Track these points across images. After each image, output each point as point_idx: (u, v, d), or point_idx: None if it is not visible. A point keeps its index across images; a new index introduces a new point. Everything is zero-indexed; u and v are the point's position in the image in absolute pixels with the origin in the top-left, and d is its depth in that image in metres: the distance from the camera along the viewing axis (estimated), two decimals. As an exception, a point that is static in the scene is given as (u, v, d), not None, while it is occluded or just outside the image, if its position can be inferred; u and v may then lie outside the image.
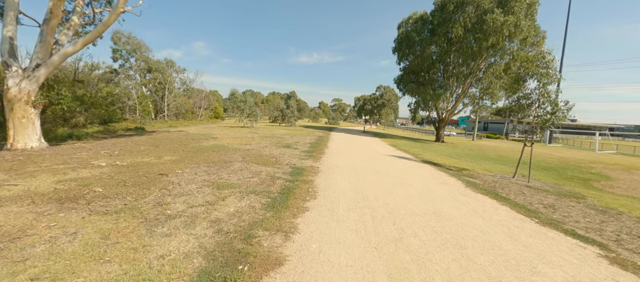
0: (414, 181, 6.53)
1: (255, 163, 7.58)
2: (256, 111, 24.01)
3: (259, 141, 13.70)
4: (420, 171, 8.24)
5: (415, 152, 13.89)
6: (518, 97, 9.29)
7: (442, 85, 21.21)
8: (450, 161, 11.67)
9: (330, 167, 7.73)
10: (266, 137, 15.67)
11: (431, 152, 14.54)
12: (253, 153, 9.40)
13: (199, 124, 34.15)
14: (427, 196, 5.23)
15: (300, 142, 13.94)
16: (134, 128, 20.53)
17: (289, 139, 15.25)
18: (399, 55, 27.24)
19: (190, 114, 37.82)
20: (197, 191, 4.77)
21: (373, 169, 7.75)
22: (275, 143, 12.92)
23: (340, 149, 12.56)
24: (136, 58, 29.32)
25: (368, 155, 11.01)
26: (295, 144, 13.18)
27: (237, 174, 6.21)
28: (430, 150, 15.95)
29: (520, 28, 18.30)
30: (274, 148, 11.07)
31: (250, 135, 16.26)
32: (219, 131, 18.79)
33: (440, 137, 26.58)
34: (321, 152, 10.83)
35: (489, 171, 9.82)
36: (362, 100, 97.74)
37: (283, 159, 8.62)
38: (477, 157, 14.70)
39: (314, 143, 14.03)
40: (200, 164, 7.12)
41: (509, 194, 6.17)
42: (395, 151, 13.89)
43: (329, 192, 5.14)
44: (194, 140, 12.60)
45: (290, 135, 18.02)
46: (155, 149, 9.16)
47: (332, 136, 20.55)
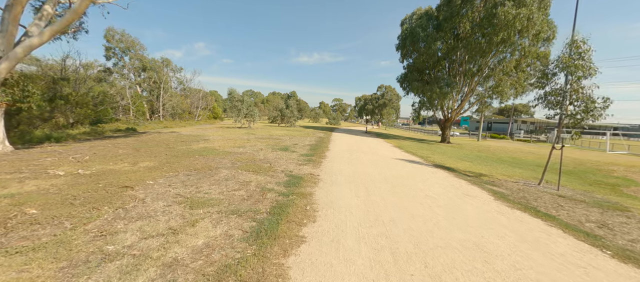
0: (434, 193, 5.46)
1: (246, 170, 6.52)
2: (254, 111, 22.98)
3: (254, 143, 12.65)
4: (435, 178, 7.16)
5: (423, 154, 12.83)
6: (545, 94, 8.20)
7: (449, 84, 20.13)
8: (463, 164, 10.59)
9: (332, 174, 6.66)
10: (263, 139, 14.62)
11: (440, 155, 13.47)
12: (245, 157, 8.35)
13: (195, 124, 33.15)
14: (456, 216, 4.17)
15: (299, 144, 12.88)
16: (124, 129, 19.52)
17: (287, 141, 14.19)
18: (402, 52, 26.18)
19: (187, 114, 36.82)
20: (164, 211, 3.72)
21: (382, 178, 6.68)
22: (272, 145, 11.87)
23: (342, 151, 11.50)
24: (130, 56, 28.34)
25: (374, 159, 9.95)
26: (294, 146, 12.12)
27: (221, 185, 5.16)
28: (439, 152, 14.87)
29: (532, 22, 17.21)
30: (270, 151, 10.01)
31: (246, 137, 15.22)
32: (214, 132, 17.75)
33: (446, 137, 25.50)
34: (322, 155, 9.76)
35: (508, 176, 8.74)
36: (363, 100, 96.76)
37: (278, 164, 7.56)
38: (489, 159, 13.62)
39: (314, 145, 12.97)
40: (180, 171, 6.07)
41: (548, 208, 5.11)
42: (402, 153, 12.83)
43: (332, 211, 4.08)
44: (184, 142, 11.56)
45: (289, 137, 16.97)
46: (135, 153, 8.12)
47: (333, 137, 19.49)
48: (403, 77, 26.53)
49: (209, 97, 43.68)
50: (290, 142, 13.86)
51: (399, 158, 10.67)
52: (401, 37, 25.48)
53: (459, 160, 12.02)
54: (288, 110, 28.18)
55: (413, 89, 23.97)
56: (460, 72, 21.90)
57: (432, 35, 20.88)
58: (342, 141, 17.25)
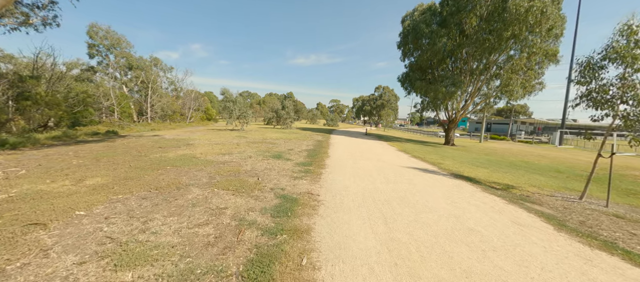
0: (476, 222, 4.05)
1: (224, 189, 5.04)
2: (247, 113, 21.46)
3: (244, 148, 11.16)
4: (463, 194, 5.76)
5: (433, 160, 11.46)
6: (588, 92, 6.84)
7: (455, 83, 18.86)
8: (480, 172, 9.22)
9: (336, 193, 5.21)
10: (255, 143, 13.13)
11: (451, 160, 12.11)
12: (228, 169, 6.86)
13: (186, 127, 31.50)
14: (530, 269, 2.75)
15: (294, 150, 11.42)
16: (104, 132, 17.88)
17: (281, 146, 12.72)
18: (403, 50, 24.91)
19: (178, 116, 35.13)
20: (65, 278, 2.24)
21: (399, 196, 5.25)
22: (264, 151, 10.39)
23: (344, 158, 10.07)
24: (115, 54, 26.62)
25: (382, 167, 8.53)
26: (289, 152, 10.66)
27: (183, 215, 3.68)
28: (448, 156, 13.52)
29: (546, 16, 16.02)
30: (260, 159, 8.54)
31: (236, 141, 13.71)
32: (202, 135, 16.21)
33: (450, 139, 24.26)
34: (321, 164, 8.31)
35: (538, 188, 7.39)
36: (361, 101, 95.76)
37: (268, 178, 6.10)
38: (502, 164, 12.29)
39: (311, 151, 11.53)
40: (136, 192, 4.58)
41: (625, 243, 3.75)
42: (410, 159, 11.45)
43: (343, 266, 2.63)
44: (162, 148, 10.03)
45: (284, 140, 15.50)
46: (91, 165, 6.59)
47: (332, 140, 18.06)
48: (404, 77, 25.25)
49: (202, 98, 42.01)
50: (285, 147, 12.39)
51: (409, 166, 9.27)
52: (402, 34, 24.22)
53: (473, 166, 10.68)
54: (284, 112, 26.67)
55: (416, 89, 22.66)
56: (466, 70, 20.66)
57: (436, 31, 19.61)
58: (342, 144, 15.83)
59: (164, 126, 27.10)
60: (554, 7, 16.39)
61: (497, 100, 20.74)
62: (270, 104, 38.91)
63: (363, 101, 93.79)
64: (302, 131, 25.59)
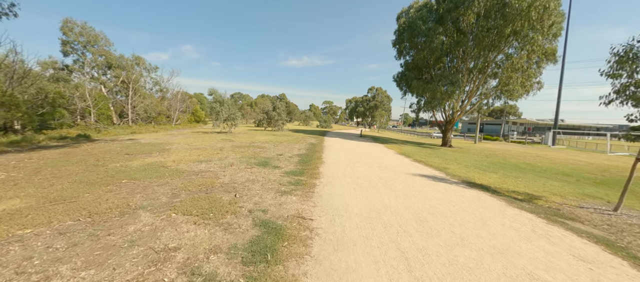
0: (532, 261, 2.93)
1: (186, 213, 3.77)
2: (236, 114, 20.06)
3: (227, 153, 9.86)
4: (491, 212, 4.68)
5: (437, 164, 10.44)
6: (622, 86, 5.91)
7: (453, 82, 18.02)
8: (492, 178, 8.22)
9: (335, 216, 4.03)
10: (241, 148, 11.83)
11: (455, 164, 11.13)
12: (200, 182, 5.58)
13: (172, 129, 29.77)
14: None
15: (285, 155, 10.18)
16: (74, 136, 16.21)
17: (270, 150, 11.46)
18: (399, 49, 24.07)
19: (163, 118, 33.31)
20: None
21: (417, 218, 4.11)
22: (249, 157, 9.12)
23: (341, 164, 8.90)
24: (93, 52, 24.73)
25: (385, 176, 7.39)
26: (278, 158, 9.41)
27: (104, 268, 2.41)
28: (451, 159, 12.55)
29: (548, 11, 15.36)
30: (242, 168, 7.27)
31: (220, 145, 12.37)
32: (184, 139, 14.76)
33: (448, 141, 23.47)
34: (314, 173, 7.12)
35: (561, 197, 6.42)
36: (354, 102, 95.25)
37: (248, 194, 4.86)
38: (507, 167, 11.37)
39: (303, 156, 10.31)
40: (58, 221, 3.28)
41: None
42: (413, 163, 10.39)
43: None
44: (129, 155, 8.63)
45: (274, 144, 14.24)
46: (25, 178, 5.20)
47: (326, 143, 16.90)
48: (400, 76, 24.37)
49: (190, 99, 40.18)
50: (274, 151, 11.13)
51: (414, 173, 8.17)
52: (398, 31, 23.38)
53: (481, 170, 9.69)
54: (275, 113, 25.33)
55: (412, 89, 21.77)
56: (463, 69, 19.89)
57: (434, 28, 18.78)
58: (337, 147, 14.67)
59: (146, 129, 25.38)
60: (556, 3, 15.78)
61: (497, 99, 20.06)
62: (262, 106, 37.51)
63: (356, 102, 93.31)
64: (294, 133, 24.33)
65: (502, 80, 18.68)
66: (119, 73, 25.76)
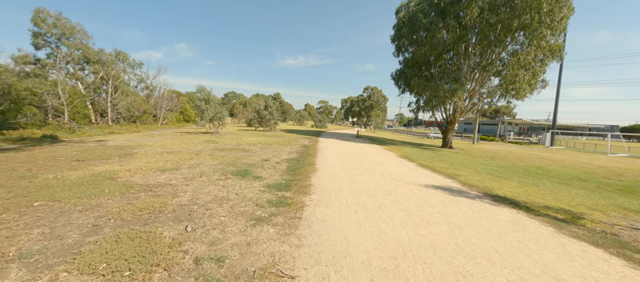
0: None
1: (86, 271, 2.33)
2: (222, 113, 18.49)
3: (202, 159, 8.37)
4: (548, 250, 3.35)
5: (445, 169, 9.14)
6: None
7: (457, 79, 16.83)
8: (511, 187, 6.94)
9: (329, 268, 2.62)
10: (222, 151, 10.34)
11: (464, 168, 9.85)
12: (145, 204, 4.10)
13: (157, 129, 27.98)
14: None
15: (271, 160, 8.73)
16: (40, 137, 14.51)
17: (255, 155, 10.00)
18: (397, 45, 22.84)
19: (148, 117, 31.44)
20: None
21: (460, 271, 2.75)
22: (227, 164, 7.65)
23: (337, 173, 7.51)
24: (68, 46, 22.76)
25: (392, 188, 6.03)
26: (262, 165, 7.96)
27: None
28: (458, 163, 11.28)
29: (560, 3, 14.29)
30: (214, 180, 5.81)
31: (199, 148, 10.85)
32: (160, 141, 13.17)
33: (448, 141, 22.37)
34: (304, 186, 5.70)
35: (601, 211, 5.18)
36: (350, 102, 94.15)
37: (207, 224, 3.43)
38: (518, 171, 10.14)
39: (293, 161, 8.88)
40: None
41: None
42: (418, 169, 9.07)
43: None
44: (80, 161, 7.07)
45: (262, 146, 12.77)
46: None
47: (321, 145, 15.50)
48: (399, 74, 23.14)
49: (177, 97, 38.26)
50: (260, 156, 9.68)
51: (425, 184, 6.83)
52: (396, 26, 22.11)
53: (494, 177, 8.44)
54: (267, 112, 23.79)
55: (411, 87, 20.53)
56: (466, 67, 18.75)
57: (435, 22, 17.56)
58: (332, 150, 13.28)
59: (127, 129, 23.59)
60: (567, -5, 14.72)
61: (501, 98, 18.96)
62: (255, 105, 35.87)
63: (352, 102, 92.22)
64: (287, 134, 22.86)
65: (507, 78, 17.58)
66: (98, 68, 23.85)
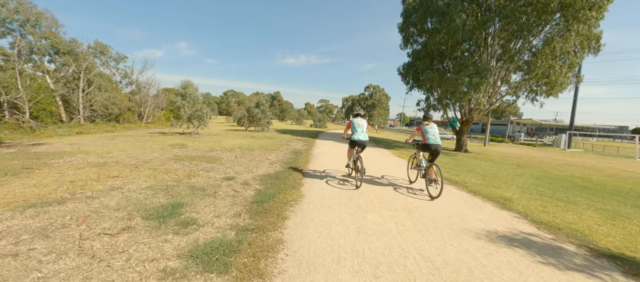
0: None
1: None
2: (203, 111, 15.85)
3: (132, 178, 5.71)
4: None
5: (480, 188, 6.44)
6: None
7: (480, 71, 14.13)
8: (598, 222, 4.26)
9: None
10: (179, 161, 7.68)
11: (504, 186, 7.12)
12: None
13: (141, 128, 25.40)
14: None
15: (238, 179, 6.04)
16: (-29, 139, 11.89)
17: (221, 168, 7.32)
18: (405, 36, 20.09)
19: (130, 115, 28.84)
20: None
21: None
22: (157, 191, 4.99)
23: (335, 206, 4.82)
24: (33, 34, 20.14)
25: (437, 250, 3.38)
26: (217, 189, 5.29)
27: None
28: (489, 176, 8.55)
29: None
30: (96, 235, 3.17)
31: (153, 155, 8.18)
32: (117, 145, 10.53)
33: (463, 144, 19.68)
34: (268, 249, 3.04)
35: None
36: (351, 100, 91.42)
37: None
38: (561, 185, 7.42)
39: (271, 179, 6.20)
40: None
41: None
42: (452, 190, 6.37)
43: None
44: None
45: (241, 152, 10.12)
46: None
47: (316, 150, 12.83)
48: (407, 67, 20.39)
49: (164, 94, 35.64)
50: (226, 170, 7.00)
51: (483, 232, 4.15)
52: (404, 13, 19.35)
53: (556, 200, 5.73)
54: (258, 110, 21.14)
55: (423, 82, 17.77)
56: (491, 56, 16.00)
57: (454, 4, 14.81)
58: (331, 158, 10.61)
59: (101, 129, 20.98)
60: (619, -33, 11.98)
61: (530, 94, 16.20)
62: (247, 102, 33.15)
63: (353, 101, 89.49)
64: (279, 135, 20.19)
65: (537, 70, 14.83)
66: (68, 60, 21.21)
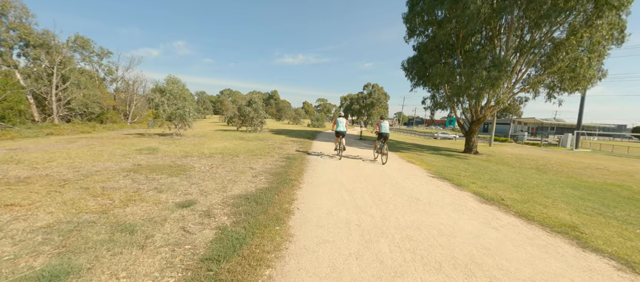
0: None
1: None
2: (185, 110, 14.02)
3: (61, 202, 3.94)
4: None
5: (524, 208, 4.76)
6: None
7: (499, 64, 12.47)
8: None
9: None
10: (143, 170, 5.90)
11: (553, 205, 5.43)
12: None
13: (126, 128, 23.44)
14: None
15: (198, 207, 4.27)
16: None
17: (184, 184, 5.55)
18: (410, 27, 18.34)
19: (114, 114, 26.83)
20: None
21: None
22: (75, 225, 3.23)
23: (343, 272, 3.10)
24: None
25: None
26: (163, 222, 3.54)
27: None
28: (522, 186, 6.86)
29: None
30: None
31: (105, 165, 6.39)
32: (78, 149, 8.69)
33: (473, 145, 18.07)
34: None
35: None
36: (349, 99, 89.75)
37: None
38: (611, 199, 5.76)
39: (251, 199, 4.46)
40: None
41: None
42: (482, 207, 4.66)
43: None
44: None
45: (221, 158, 8.35)
46: None
47: (312, 158, 11.10)
48: (413, 61, 18.68)
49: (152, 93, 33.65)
50: (190, 189, 5.23)
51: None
52: (410, 2, 17.66)
53: (605, 218, 4.06)
54: (250, 109, 19.34)
55: (432, 76, 16.01)
56: (509, 48, 14.36)
57: (468, -13, 13.10)
58: (330, 167, 8.88)
59: (77, 129, 19.02)
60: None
61: (552, 90, 14.57)
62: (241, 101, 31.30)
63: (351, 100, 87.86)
64: (273, 136, 18.40)
65: (561, 63, 13.20)
66: (39, 53, 19.21)
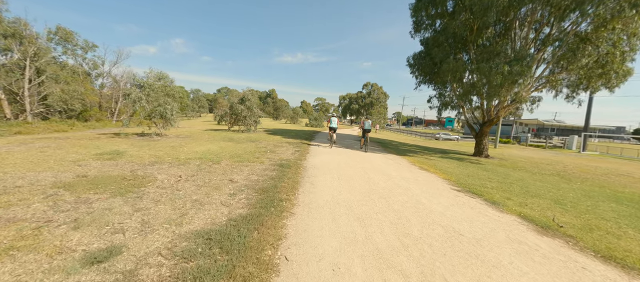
0: None
1: None
2: (166, 108, 12.42)
3: None
4: None
5: (587, 238, 3.31)
6: None
7: (521, 58, 11.06)
8: None
9: None
10: (82, 185, 4.36)
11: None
12: None
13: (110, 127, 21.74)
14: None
15: (119, 265, 2.80)
16: None
17: (121, 212, 4.03)
18: (417, 20, 16.89)
19: (97, 111, 25.10)
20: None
21: None
22: None
23: None
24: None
25: None
26: None
27: None
28: (549, 199, 5.42)
29: None
30: None
31: (40, 178, 4.84)
32: (21, 153, 7.10)
33: (484, 148, 16.72)
34: None
35: None
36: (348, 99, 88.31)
37: None
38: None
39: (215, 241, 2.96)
40: None
41: None
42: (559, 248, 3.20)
43: None
44: None
45: (201, 165, 6.81)
46: None
47: (311, 160, 9.55)
48: (419, 57, 17.24)
49: (142, 88, 31.93)
50: (118, 227, 3.70)
51: None
52: (419, -8, 16.18)
53: None
54: (243, 107, 17.78)
55: (442, 73, 14.54)
56: (528, 41, 12.95)
57: (487, -29, 11.64)
58: (331, 176, 7.35)
59: (51, 128, 17.29)
60: None
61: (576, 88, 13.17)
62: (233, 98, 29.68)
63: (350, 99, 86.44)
64: (268, 136, 16.85)
65: (589, 59, 11.82)
66: (9, 44, 17.45)
